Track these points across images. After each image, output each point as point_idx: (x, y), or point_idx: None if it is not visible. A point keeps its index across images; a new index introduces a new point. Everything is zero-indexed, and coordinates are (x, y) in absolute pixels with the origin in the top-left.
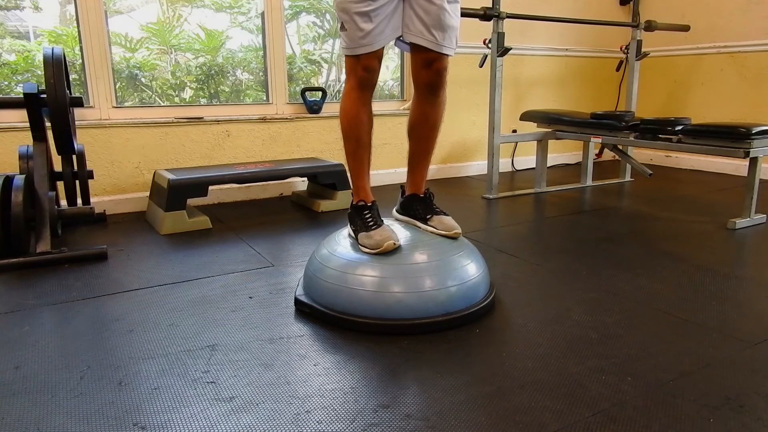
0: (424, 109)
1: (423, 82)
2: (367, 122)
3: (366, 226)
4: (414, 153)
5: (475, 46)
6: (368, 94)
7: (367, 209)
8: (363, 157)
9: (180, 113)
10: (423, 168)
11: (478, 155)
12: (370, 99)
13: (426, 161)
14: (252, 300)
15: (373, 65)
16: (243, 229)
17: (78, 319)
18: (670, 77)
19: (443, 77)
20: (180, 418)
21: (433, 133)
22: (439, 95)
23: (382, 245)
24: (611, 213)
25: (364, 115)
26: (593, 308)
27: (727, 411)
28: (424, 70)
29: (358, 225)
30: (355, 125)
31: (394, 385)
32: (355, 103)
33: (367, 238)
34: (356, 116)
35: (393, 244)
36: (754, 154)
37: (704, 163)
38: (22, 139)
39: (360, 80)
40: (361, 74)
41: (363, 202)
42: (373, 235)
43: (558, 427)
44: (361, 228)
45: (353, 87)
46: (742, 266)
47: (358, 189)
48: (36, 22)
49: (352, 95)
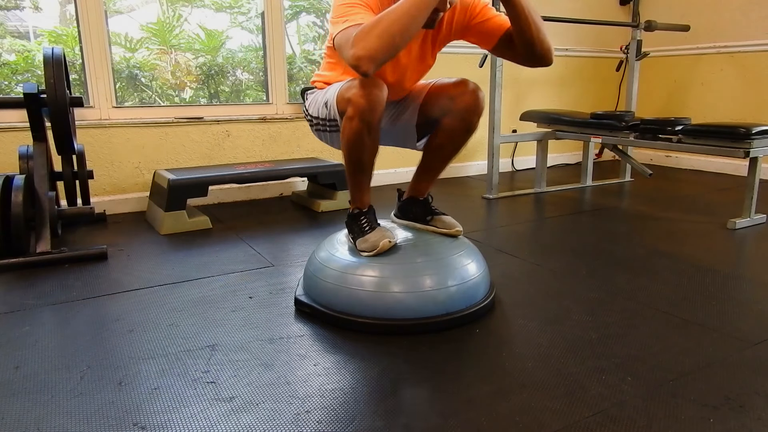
0: (457, 134)
1: (464, 104)
2: (370, 148)
3: (362, 231)
4: (429, 167)
5: (475, 47)
6: (371, 120)
7: (362, 215)
8: (363, 178)
9: (180, 113)
10: (432, 180)
11: (478, 155)
12: (374, 125)
13: (438, 175)
14: (252, 300)
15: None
16: (243, 229)
17: (78, 319)
18: (670, 77)
19: (482, 99)
20: (180, 418)
21: (456, 154)
22: (476, 120)
23: (378, 245)
24: (611, 213)
25: (365, 142)
26: (593, 308)
27: (727, 411)
28: (466, 94)
29: (355, 232)
30: (358, 150)
31: (394, 385)
32: (357, 130)
33: (363, 242)
34: (358, 142)
35: (389, 243)
36: (754, 154)
37: (704, 163)
38: (22, 139)
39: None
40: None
41: (358, 209)
42: (368, 238)
43: (558, 427)
44: (358, 234)
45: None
46: (742, 266)
47: (355, 198)
48: (36, 22)
49: (353, 123)
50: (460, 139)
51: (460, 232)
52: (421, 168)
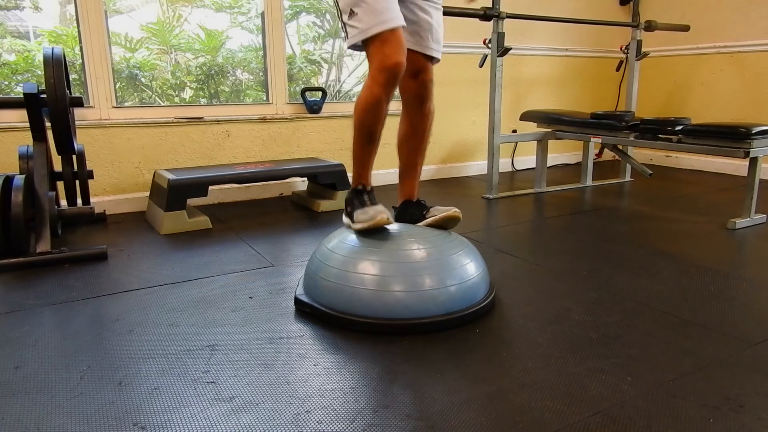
0: (414, 121)
1: (411, 94)
2: (383, 119)
3: (362, 204)
4: (406, 165)
5: (475, 46)
6: (393, 90)
7: (365, 192)
8: (371, 150)
9: (180, 113)
10: (415, 176)
11: (478, 155)
12: (392, 96)
13: (418, 170)
14: (252, 300)
15: (400, 51)
16: (243, 229)
17: (78, 319)
18: (670, 77)
19: (430, 88)
20: (180, 418)
21: (424, 144)
22: (427, 106)
23: (376, 218)
24: (611, 213)
25: (384, 112)
26: (593, 308)
27: (727, 411)
28: (412, 82)
29: (354, 205)
30: (371, 121)
31: (394, 385)
32: (378, 99)
33: (362, 213)
34: (374, 114)
35: (386, 219)
36: (754, 154)
37: (704, 163)
38: (22, 139)
39: (387, 73)
40: (388, 65)
41: (362, 185)
42: (367, 210)
43: (558, 427)
44: (357, 206)
45: (377, 82)
46: (742, 266)
47: (360, 176)
48: (36, 22)
49: (374, 90)
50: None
51: (458, 212)
52: (401, 168)
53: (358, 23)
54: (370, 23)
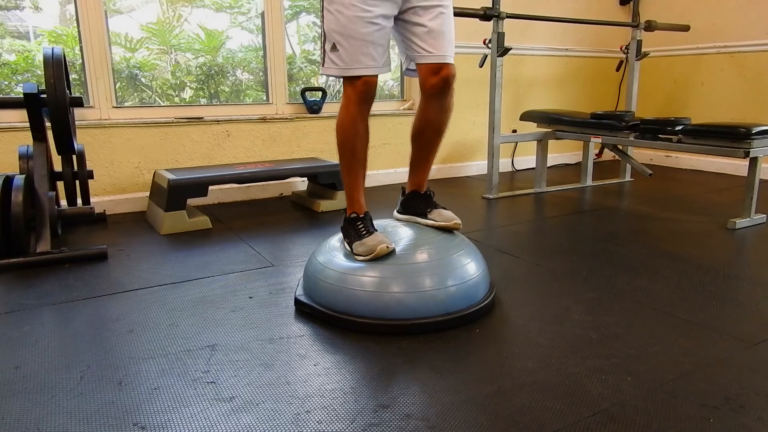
0: (432, 115)
1: (431, 88)
2: (364, 136)
3: (359, 236)
4: (418, 156)
5: (475, 46)
6: (367, 108)
7: (359, 220)
8: (358, 171)
9: (180, 113)
10: (426, 169)
11: (478, 155)
12: (368, 113)
13: (429, 163)
14: (252, 300)
15: (373, 80)
16: (243, 229)
17: (78, 319)
18: (670, 77)
19: (451, 83)
20: (180, 418)
21: (439, 138)
22: (447, 101)
23: (375, 250)
24: (611, 213)
25: (362, 128)
26: (593, 308)
27: (727, 411)
28: (432, 77)
29: (351, 236)
30: (351, 139)
31: (394, 385)
32: (353, 118)
33: (360, 246)
34: (353, 130)
35: (386, 248)
36: (754, 154)
37: (704, 163)
38: (22, 139)
39: (358, 94)
40: (360, 89)
41: (355, 214)
42: (365, 242)
43: (558, 427)
44: (355, 238)
45: (351, 101)
46: (742, 266)
47: (352, 202)
48: (36, 22)
49: (350, 109)
50: (435, 120)
51: (458, 224)
52: (413, 159)
53: (338, 60)
54: (351, 65)
